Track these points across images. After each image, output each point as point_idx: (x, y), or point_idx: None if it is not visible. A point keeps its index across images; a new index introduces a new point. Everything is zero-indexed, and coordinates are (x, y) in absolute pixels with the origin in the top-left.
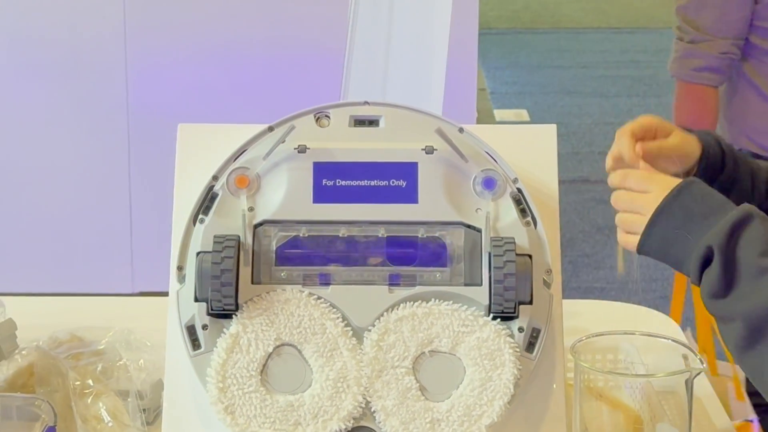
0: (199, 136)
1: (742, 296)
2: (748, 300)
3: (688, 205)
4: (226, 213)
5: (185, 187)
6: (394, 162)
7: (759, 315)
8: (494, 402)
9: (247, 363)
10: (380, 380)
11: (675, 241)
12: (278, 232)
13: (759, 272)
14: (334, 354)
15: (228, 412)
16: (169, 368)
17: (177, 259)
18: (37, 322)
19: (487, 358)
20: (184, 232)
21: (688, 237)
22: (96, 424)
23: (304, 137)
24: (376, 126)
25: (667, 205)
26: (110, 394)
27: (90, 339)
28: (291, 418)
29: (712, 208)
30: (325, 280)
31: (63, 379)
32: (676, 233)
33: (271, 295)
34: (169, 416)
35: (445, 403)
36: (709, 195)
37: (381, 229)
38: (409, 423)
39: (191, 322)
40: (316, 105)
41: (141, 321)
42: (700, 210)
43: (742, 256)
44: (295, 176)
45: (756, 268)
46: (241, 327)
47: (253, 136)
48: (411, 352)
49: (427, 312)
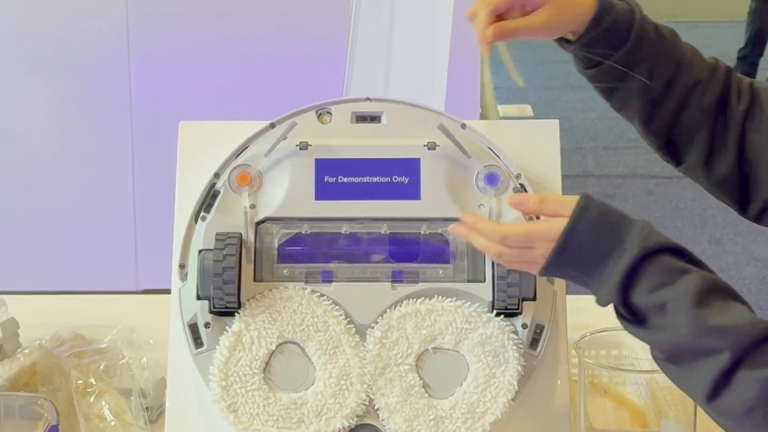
0: (200, 134)
1: (652, 329)
2: (657, 333)
3: (577, 257)
4: (228, 210)
5: (187, 185)
6: (397, 158)
7: (670, 346)
8: (498, 399)
9: (250, 361)
10: (383, 377)
11: (575, 281)
12: (280, 229)
13: (659, 309)
14: (337, 351)
15: (231, 411)
16: (171, 366)
17: (179, 257)
18: (39, 320)
19: (490, 355)
20: (185, 229)
21: (587, 280)
22: (99, 423)
23: (306, 134)
24: (378, 122)
25: (555, 260)
26: (113, 393)
27: (93, 337)
28: (294, 416)
29: (603, 254)
30: (328, 278)
31: (66, 377)
32: (573, 276)
33: (273, 293)
34: (172, 414)
35: (449, 400)
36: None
37: (383, 225)
38: (413, 420)
39: (193, 320)
40: (317, 101)
41: (144, 319)
42: (591, 260)
43: (639, 303)
44: (296, 173)
45: (655, 307)
46: (243, 325)
47: (255, 133)
48: (414, 349)
49: (430, 309)
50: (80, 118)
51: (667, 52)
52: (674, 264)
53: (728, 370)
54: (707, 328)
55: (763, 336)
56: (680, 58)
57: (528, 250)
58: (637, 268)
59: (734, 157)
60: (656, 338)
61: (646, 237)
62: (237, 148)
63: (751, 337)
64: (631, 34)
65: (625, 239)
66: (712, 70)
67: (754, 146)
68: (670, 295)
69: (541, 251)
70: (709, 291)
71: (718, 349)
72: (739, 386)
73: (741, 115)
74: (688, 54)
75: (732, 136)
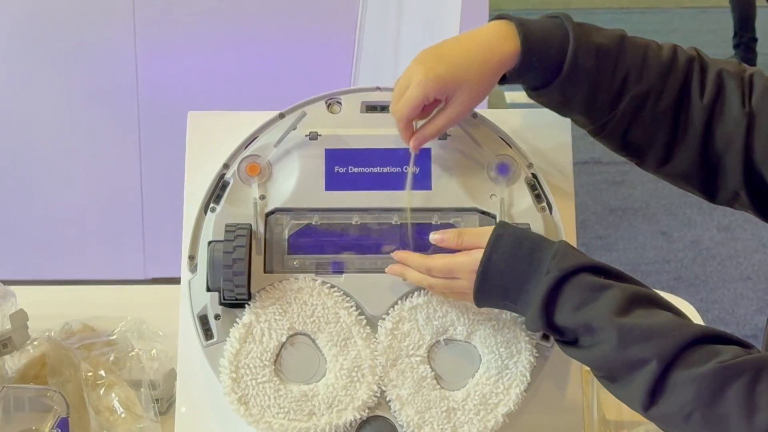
0: (209, 124)
1: (584, 349)
2: (590, 352)
3: (499, 285)
4: (238, 201)
5: (196, 176)
6: (407, 148)
7: (602, 362)
8: (511, 390)
9: (261, 353)
10: (395, 369)
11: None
12: (290, 220)
13: (585, 328)
14: (348, 343)
15: (242, 403)
16: (181, 359)
17: (188, 248)
18: (48, 311)
19: (503, 346)
20: (195, 221)
21: (515, 308)
22: (109, 416)
23: (316, 124)
24: (388, 112)
25: (479, 291)
26: (123, 385)
27: (102, 329)
28: (305, 408)
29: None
30: (339, 269)
31: (75, 369)
32: (504, 305)
33: (283, 284)
34: (183, 407)
35: (461, 391)
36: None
37: (394, 216)
38: (425, 412)
39: (203, 312)
40: (327, 91)
41: (153, 310)
42: (512, 287)
43: (564, 324)
44: (306, 163)
45: (581, 326)
46: (254, 317)
47: (264, 123)
48: (426, 340)
49: (441, 300)
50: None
51: (608, 72)
52: (593, 281)
53: (659, 376)
54: (632, 338)
55: (690, 338)
56: (626, 73)
57: (453, 281)
58: (557, 291)
59: (696, 153)
60: (589, 357)
61: (561, 259)
62: (246, 139)
63: (677, 340)
64: (563, 68)
65: (542, 263)
66: (666, 72)
67: (723, 138)
68: (592, 313)
69: (465, 282)
70: (631, 302)
71: (645, 359)
72: (673, 391)
73: (704, 110)
74: (637, 63)
75: (693, 133)
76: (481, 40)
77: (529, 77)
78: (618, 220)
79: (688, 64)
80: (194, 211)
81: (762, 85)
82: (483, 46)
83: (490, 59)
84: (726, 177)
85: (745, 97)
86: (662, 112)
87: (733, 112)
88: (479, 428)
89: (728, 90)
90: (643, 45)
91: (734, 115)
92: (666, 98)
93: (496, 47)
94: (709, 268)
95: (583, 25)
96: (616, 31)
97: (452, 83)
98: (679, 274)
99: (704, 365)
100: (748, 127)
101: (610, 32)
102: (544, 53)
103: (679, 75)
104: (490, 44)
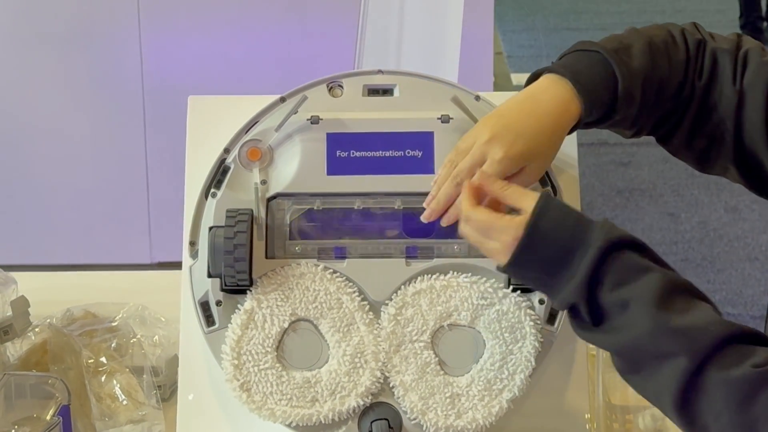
0: (209, 109)
1: (611, 331)
2: (617, 334)
3: (541, 253)
4: (239, 186)
5: (197, 161)
6: (410, 132)
7: (630, 348)
8: (515, 376)
9: (263, 339)
10: (398, 355)
11: (535, 282)
12: (292, 205)
13: (620, 307)
14: (350, 329)
15: (244, 389)
16: (183, 345)
17: (189, 234)
18: (50, 297)
19: (507, 331)
20: (195, 206)
21: (547, 281)
22: (110, 403)
23: (317, 108)
24: (391, 95)
25: (519, 258)
26: (124, 372)
27: (104, 315)
28: (308, 395)
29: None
30: (341, 254)
31: (76, 356)
32: (532, 278)
33: (285, 270)
34: (185, 394)
35: (465, 377)
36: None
37: (397, 200)
38: (429, 398)
39: (205, 299)
40: (329, 74)
41: (156, 295)
42: (555, 256)
43: (603, 300)
44: (308, 148)
45: (617, 305)
46: (255, 303)
47: (265, 108)
48: (429, 325)
49: (445, 285)
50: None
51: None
52: (637, 261)
53: (693, 373)
54: (668, 329)
55: (726, 336)
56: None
57: (486, 240)
58: (603, 263)
59: (691, 131)
60: (615, 340)
61: (608, 231)
62: (247, 123)
63: (713, 338)
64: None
65: (589, 235)
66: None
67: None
68: (632, 293)
69: (499, 246)
70: (672, 290)
71: (676, 352)
72: (705, 392)
73: (701, 89)
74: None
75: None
76: (549, 110)
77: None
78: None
79: (696, 49)
80: (195, 197)
81: (756, 61)
82: (552, 116)
83: (560, 129)
84: (719, 152)
85: (737, 75)
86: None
87: (725, 90)
88: (483, 414)
89: (720, 68)
90: (664, 45)
91: (726, 94)
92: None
93: (565, 114)
94: (716, 248)
95: (619, 53)
96: (639, 39)
97: (529, 158)
98: (687, 255)
99: (738, 368)
100: (739, 104)
101: (639, 45)
102: (599, 101)
103: (693, 63)
104: (559, 114)
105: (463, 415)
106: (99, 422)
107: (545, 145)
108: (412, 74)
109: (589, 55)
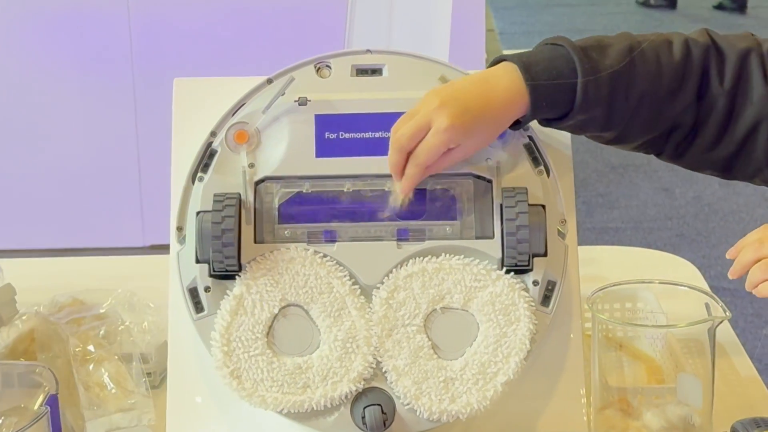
0: (196, 91)
1: None
2: None
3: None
4: (226, 170)
5: (183, 145)
6: (399, 112)
7: None
8: (510, 359)
9: (253, 325)
10: (391, 339)
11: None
12: (280, 188)
13: None
14: (342, 313)
15: (234, 377)
16: (172, 332)
17: (176, 219)
18: (37, 284)
19: (501, 314)
20: (182, 191)
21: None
22: (99, 391)
23: (305, 89)
24: (380, 75)
25: None
26: (113, 360)
27: (92, 302)
28: (299, 381)
29: None
30: (331, 237)
31: (64, 345)
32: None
33: (275, 254)
34: (175, 381)
35: (459, 361)
36: None
37: (387, 182)
38: (422, 383)
39: (193, 285)
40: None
41: (145, 281)
42: None
43: None
44: (296, 130)
45: None
46: (244, 288)
47: (252, 89)
48: (422, 309)
49: (437, 267)
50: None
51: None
52: None
53: None
54: None
55: None
56: (641, 92)
57: None
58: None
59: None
60: None
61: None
62: (233, 106)
63: None
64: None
65: None
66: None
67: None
68: None
69: None
70: None
71: None
72: None
73: (725, 95)
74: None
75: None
76: (498, 95)
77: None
78: (619, 177)
79: (704, 55)
80: (182, 181)
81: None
82: (500, 102)
83: (504, 117)
84: (750, 156)
85: None
86: (681, 111)
87: (757, 89)
88: (478, 398)
89: (750, 69)
90: (654, 50)
91: (759, 92)
92: (684, 96)
93: (512, 104)
94: (711, 223)
95: (588, 50)
96: (623, 41)
97: (470, 133)
98: (681, 231)
99: None
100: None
101: (619, 46)
102: (551, 97)
103: (696, 70)
104: (507, 101)
105: (457, 399)
106: (88, 411)
107: (488, 127)
108: (401, 53)
109: (553, 48)
